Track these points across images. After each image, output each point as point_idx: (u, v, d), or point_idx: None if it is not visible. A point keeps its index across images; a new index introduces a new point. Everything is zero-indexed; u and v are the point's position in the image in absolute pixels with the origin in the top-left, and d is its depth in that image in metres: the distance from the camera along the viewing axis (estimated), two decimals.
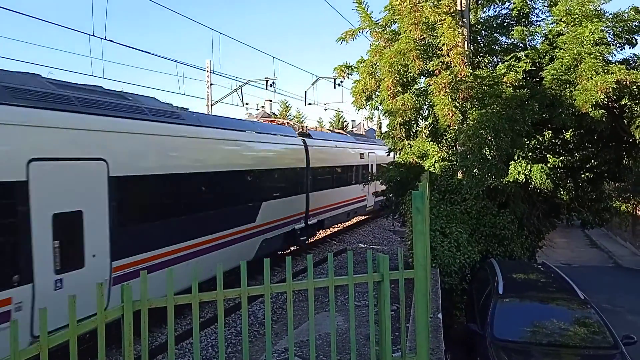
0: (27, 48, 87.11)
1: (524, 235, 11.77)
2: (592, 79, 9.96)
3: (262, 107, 68.19)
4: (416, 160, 13.67)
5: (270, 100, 67.31)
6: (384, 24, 12.76)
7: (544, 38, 11.83)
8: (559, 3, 11.52)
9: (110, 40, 14.65)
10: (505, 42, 12.48)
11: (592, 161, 12.73)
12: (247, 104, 45.10)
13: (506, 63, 11.09)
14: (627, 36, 11.05)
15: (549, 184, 10.87)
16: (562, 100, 10.57)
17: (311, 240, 18.45)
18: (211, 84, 28.52)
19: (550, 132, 11.93)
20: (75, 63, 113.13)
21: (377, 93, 12.58)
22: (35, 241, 6.43)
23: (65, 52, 63.49)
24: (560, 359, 6.43)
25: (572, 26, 11.07)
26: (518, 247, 11.35)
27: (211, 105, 28.53)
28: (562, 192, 12.23)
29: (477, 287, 9.10)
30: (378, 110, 13.43)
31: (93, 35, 13.47)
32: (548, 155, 11.80)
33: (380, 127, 74.92)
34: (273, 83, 26.89)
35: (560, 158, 12.01)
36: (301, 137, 16.81)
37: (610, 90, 9.75)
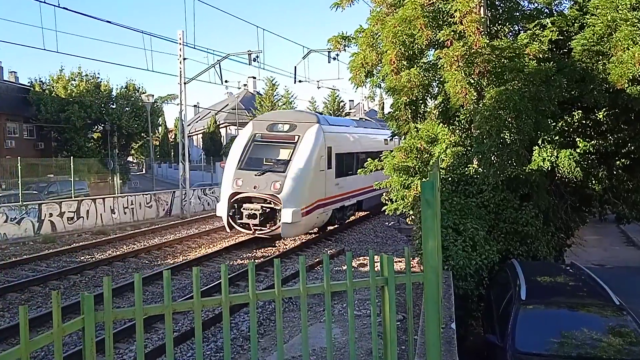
0: None
1: (549, 232, 11.84)
2: (629, 49, 9.96)
3: (245, 85, 68.11)
4: (424, 145, 13.69)
5: (254, 77, 67.42)
6: None
7: (572, 2, 11.84)
8: None
9: (64, 8, 14.48)
10: (528, 7, 12.49)
11: (629, 145, 12.72)
12: (226, 81, 45.11)
13: (529, 32, 11.08)
14: None
15: (578, 173, 10.93)
16: (593, 74, 10.58)
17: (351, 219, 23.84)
18: (184, 59, 28.36)
19: (580, 112, 11.97)
20: (24, 34, 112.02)
21: (378, 68, 12.56)
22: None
23: (12, 22, 62.82)
24: None
25: None
26: (543, 245, 11.41)
27: (184, 83, 28.38)
28: (593, 182, 12.30)
29: (496, 292, 9.15)
30: (380, 88, 13.44)
31: (45, 3, 13.34)
32: (577, 139, 11.84)
33: (382, 108, 75.05)
34: (257, 57, 26.71)
35: (592, 142, 12.04)
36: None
37: None
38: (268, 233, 17.74)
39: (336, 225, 21.59)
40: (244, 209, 17.69)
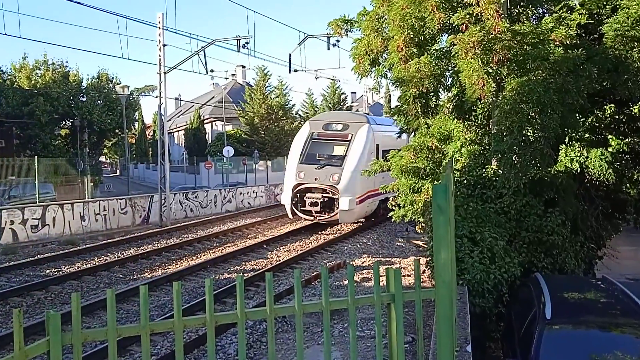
0: None
1: (578, 242, 11.85)
2: None
3: (233, 75, 68.12)
4: (436, 144, 13.70)
5: (244, 66, 67.29)
6: None
7: None
8: None
9: None
10: None
11: None
12: (212, 71, 45.10)
13: (555, 15, 11.11)
14: None
15: (610, 175, 10.94)
16: (628, 63, 10.61)
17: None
18: (164, 45, 28.36)
19: (613, 105, 11.99)
20: None
21: (384, 56, 12.58)
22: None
23: None
24: None
25: None
26: (571, 257, 11.43)
27: (164, 72, 28.40)
28: (628, 185, 12.31)
29: (517, 310, 9.14)
30: (386, 78, 13.47)
31: None
32: (610, 137, 11.85)
33: (389, 102, 75.22)
34: (247, 43, 26.71)
35: (626, 140, 12.04)
36: None
37: None
38: (327, 219, 22.73)
39: (381, 216, 24.78)
40: (306, 197, 22.71)
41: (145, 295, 3.90)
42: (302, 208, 22.95)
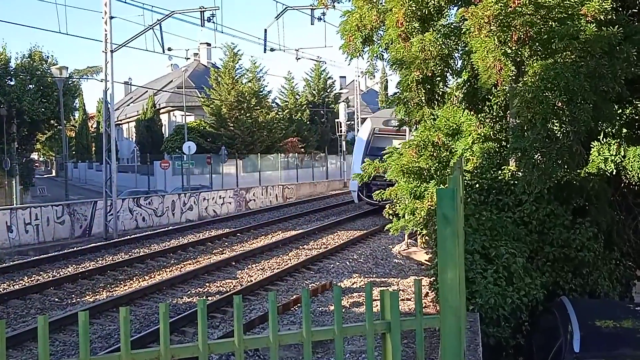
0: None
1: (613, 260, 11.92)
2: None
3: (196, 54, 68.00)
4: (443, 139, 13.75)
5: (209, 44, 67.30)
6: None
7: None
8: None
9: None
10: None
11: None
12: (169, 49, 44.82)
13: None
14: None
15: None
16: None
17: None
18: (111, 17, 28.27)
19: None
20: None
21: (380, 32, 12.59)
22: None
23: None
24: None
25: None
26: (604, 277, 11.49)
27: (111, 51, 28.28)
28: None
29: (539, 342, 9.19)
30: (382, 60, 13.47)
31: None
32: None
33: (385, 88, 75.60)
34: (213, 16, 26.77)
35: None
36: None
37: None
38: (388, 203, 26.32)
39: None
40: (372, 184, 26.89)
41: (86, 323, 3.87)
42: (367, 194, 30.17)
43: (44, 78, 45.35)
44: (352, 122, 65.58)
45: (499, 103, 12.41)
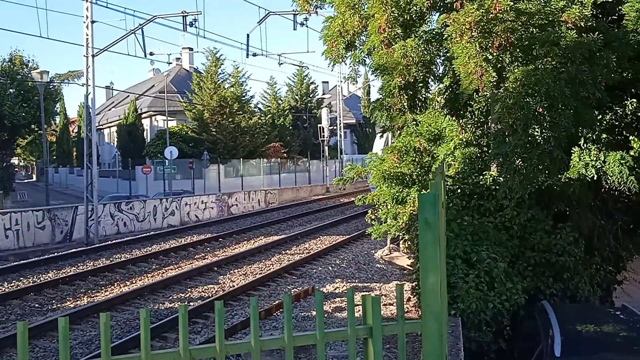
0: None
1: (594, 264, 11.98)
2: None
3: (178, 59, 67.86)
4: (425, 145, 13.78)
5: (191, 49, 67.18)
6: None
7: None
8: None
9: None
10: None
11: None
12: (151, 54, 44.68)
13: None
14: None
15: (633, 183, 11.08)
16: None
17: None
18: (92, 22, 28.15)
19: (635, 100, 12.16)
20: None
21: (363, 38, 12.60)
22: None
23: None
24: None
25: None
26: (585, 282, 11.55)
27: (92, 55, 28.15)
28: None
29: (521, 346, 9.22)
30: (365, 65, 13.47)
31: None
32: (632, 138, 12.03)
33: (368, 93, 75.77)
34: (195, 20, 26.74)
35: None
36: None
37: None
38: None
39: None
40: None
41: (66, 329, 3.84)
42: None
43: (25, 82, 45.09)
44: (335, 127, 65.64)
45: (480, 109, 12.45)
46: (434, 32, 12.22)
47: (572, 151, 11.44)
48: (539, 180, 10.94)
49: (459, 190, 11.94)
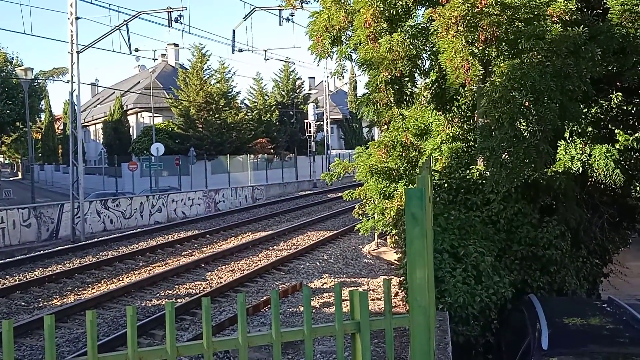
0: None
1: (580, 257, 12.03)
2: None
3: (163, 55, 67.69)
4: (411, 139, 13.78)
5: (176, 45, 67.08)
6: None
7: None
8: None
9: None
10: None
11: None
12: (137, 50, 44.63)
13: None
14: None
15: (618, 176, 11.12)
16: (637, 43, 10.81)
17: None
18: (77, 18, 27.99)
19: (620, 94, 12.19)
20: None
21: (349, 33, 12.58)
22: None
23: None
24: None
25: None
26: (571, 275, 11.58)
27: (77, 52, 27.99)
28: (639, 189, 12.55)
29: (508, 339, 9.23)
30: (351, 60, 13.46)
31: None
32: (617, 131, 12.06)
33: (354, 89, 75.76)
34: (180, 16, 26.64)
35: (636, 135, 12.25)
36: None
37: None
38: None
39: None
40: None
41: (52, 327, 3.81)
42: None
43: (9, 79, 44.83)
44: (321, 123, 65.64)
45: (466, 103, 12.47)
46: (420, 27, 12.21)
47: (558, 145, 11.46)
48: (525, 174, 10.96)
49: (445, 185, 11.96)
